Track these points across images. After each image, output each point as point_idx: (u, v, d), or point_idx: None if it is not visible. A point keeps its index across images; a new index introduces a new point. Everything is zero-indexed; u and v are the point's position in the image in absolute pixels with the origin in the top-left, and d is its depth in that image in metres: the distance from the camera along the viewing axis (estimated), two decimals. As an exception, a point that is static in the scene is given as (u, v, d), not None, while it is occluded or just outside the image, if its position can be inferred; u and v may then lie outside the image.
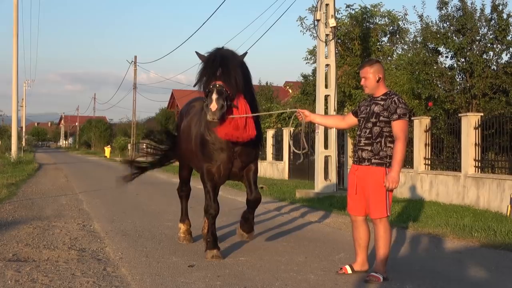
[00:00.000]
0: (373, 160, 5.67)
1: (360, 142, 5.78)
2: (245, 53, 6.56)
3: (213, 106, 5.98)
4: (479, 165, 12.44)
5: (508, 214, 10.64)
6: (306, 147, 6.42)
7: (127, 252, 7.10)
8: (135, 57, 49.67)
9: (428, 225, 9.12)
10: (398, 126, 5.60)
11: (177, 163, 8.71)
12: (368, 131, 5.72)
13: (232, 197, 14.78)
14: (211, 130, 6.56)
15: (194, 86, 6.50)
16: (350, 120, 6.15)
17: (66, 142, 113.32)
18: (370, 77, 5.76)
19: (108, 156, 54.35)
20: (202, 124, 6.79)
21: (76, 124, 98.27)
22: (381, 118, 5.66)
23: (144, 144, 9.29)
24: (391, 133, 5.65)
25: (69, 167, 32.14)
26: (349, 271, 5.87)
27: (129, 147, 52.54)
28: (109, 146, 60.68)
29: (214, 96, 6.01)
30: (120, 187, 8.67)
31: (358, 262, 5.92)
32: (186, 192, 8.28)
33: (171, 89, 65.45)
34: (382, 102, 5.70)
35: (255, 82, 45.64)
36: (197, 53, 6.55)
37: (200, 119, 6.97)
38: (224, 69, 6.17)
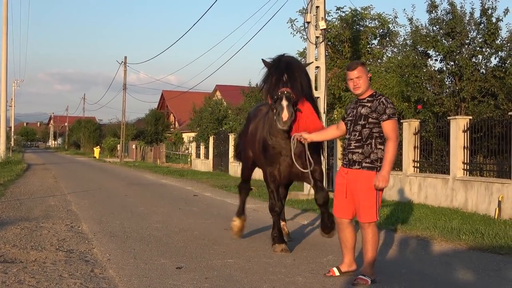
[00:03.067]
0: (363, 164, 5.63)
1: (350, 145, 5.74)
2: (310, 63, 6.77)
3: (285, 115, 6.23)
4: (468, 168, 12.50)
5: (496, 217, 10.71)
6: (312, 163, 6.68)
7: (115, 253, 7.07)
8: (125, 57, 49.01)
9: (416, 228, 9.15)
10: (388, 126, 5.59)
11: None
12: (357, 133, 5.69)
13: (221, 198, 14.78)
14: (273, 134, 6.85)
15: (260, 91, 6.70)
16: (343, 127, 6.03)
17: (55, 142, 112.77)
18: (364, 76, 5.71)
19: (97, 157, 54.12)
20: (265, 128, 7.03)
21: (66, 124, 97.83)
22: (370, 120, 5.63)
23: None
24: (381, 134, 5.63)
25: (57, 168, 32.00)
26: (337, 273, 5.87)
27: (118, 148, 52.34)
28: (98, 146, 60.45)
29: (285, 103, 6.25)
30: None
31: (345, 262, 5.92)
32: (246, 190, 8.55)
33: (161, 90, 65.50)
34: (369, 104, 5.66)
35: (245, 83, 44.96)
36: (263, 60, 6.79)
37: (264, 122, 7.23)
38: (289, 74, 6.42)
